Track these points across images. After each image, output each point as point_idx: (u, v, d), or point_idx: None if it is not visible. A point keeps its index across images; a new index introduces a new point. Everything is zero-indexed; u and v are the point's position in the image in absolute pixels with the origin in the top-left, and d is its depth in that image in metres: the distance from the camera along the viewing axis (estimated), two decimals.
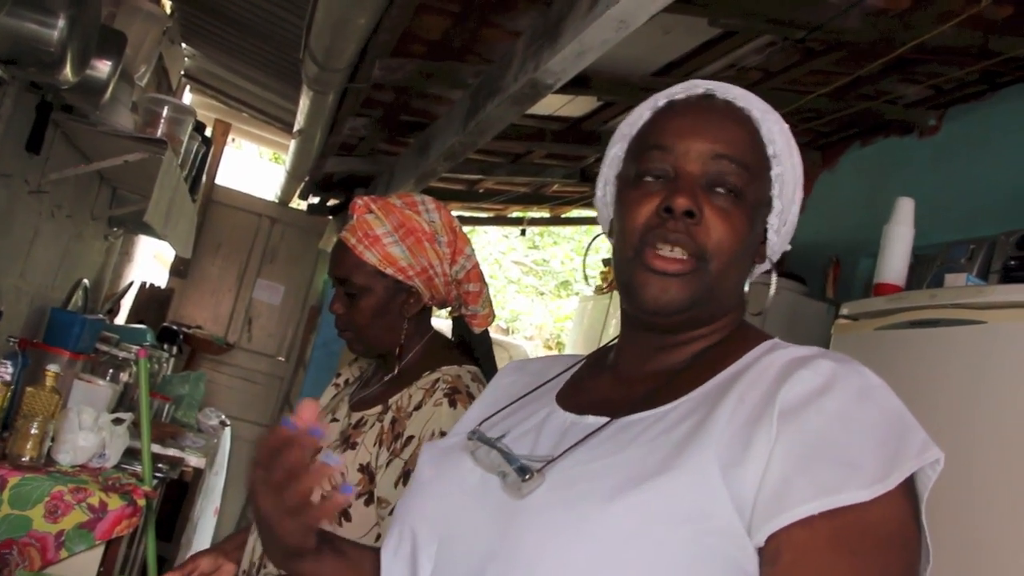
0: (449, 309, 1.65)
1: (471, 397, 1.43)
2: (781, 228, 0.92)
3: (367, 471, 1.43)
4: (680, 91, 0.92)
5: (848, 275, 3.41)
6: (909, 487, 0.72)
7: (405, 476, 1.37)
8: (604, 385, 0.95)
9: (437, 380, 1.46)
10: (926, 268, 2.57)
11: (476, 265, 1.62)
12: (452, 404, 1.41)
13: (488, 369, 1.61)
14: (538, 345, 12.48)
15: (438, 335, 1.64)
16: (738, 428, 0.75)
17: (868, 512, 0.69)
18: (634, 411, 0.84)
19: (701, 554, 0.71)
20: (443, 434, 1.37)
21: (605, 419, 0.85)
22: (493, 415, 0.99)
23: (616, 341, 0.99)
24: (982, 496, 1.68)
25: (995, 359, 1.79)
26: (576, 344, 5.12)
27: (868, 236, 2.67)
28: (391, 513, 1.33)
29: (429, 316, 1.64)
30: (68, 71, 2.18)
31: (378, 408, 1.51)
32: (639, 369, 0.92)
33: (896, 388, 0.78)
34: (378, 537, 1.40)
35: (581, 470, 0.79)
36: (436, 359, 1.54)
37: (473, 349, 1.65)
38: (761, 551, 0.71)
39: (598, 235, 1.05)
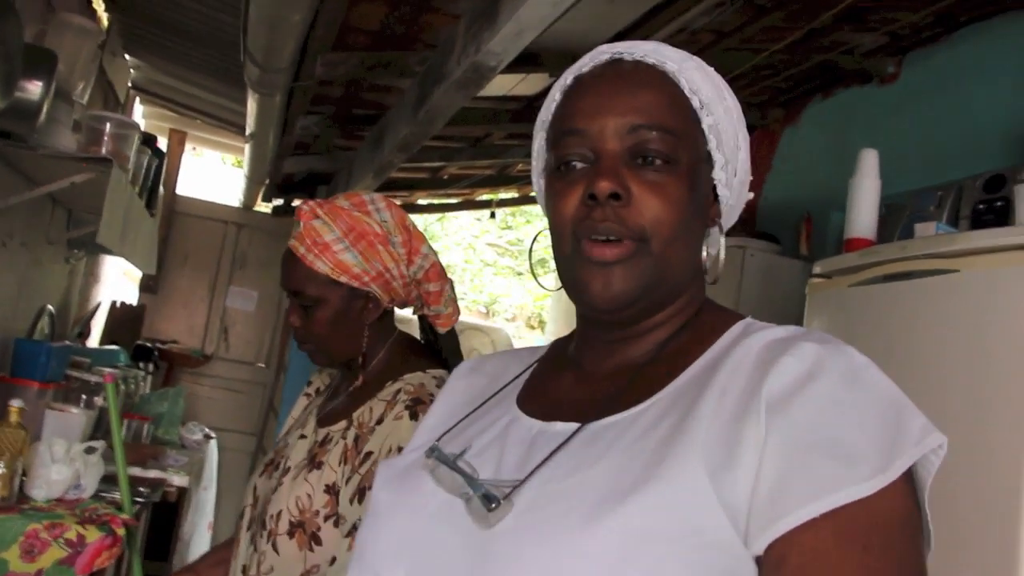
0: (412, 308, 1.59)
1: None
2: (731, 180, 0.85)
3: (333, 491, 1.37)
4: (587, 62, 0.85)
5: (821, 230, 3.38)
6: (910, 473, 0.67)
7: (360, 493, 1.32)
8: (567, 384, 0.88)
9: (399, 391, 1.41)
10: (897, 217, 2.54)
11: (435, 263, 1.55)
12: (413, 416, 1.35)
13: None
14: (520, 326, 12.47)
15: (403, 337, 1.59)
16: (723, 426, 0.69)
17: (872, 505, 0.63)
18: (604, 414, 0.78)
19: (694, 570, 0.65)
20: (401, 449, 1.30)
21: (574, 426, 0.78)
22: (452, 427, 0.92)
23: (575, 331, 0.93)
24: (964, 447, 1.65)
25: (969, 308, 1.75)
26: (557, 322, 5.09)
27: (837, 189, 2.63)
28: (348, 533, 1.31)
29: (391, 318, 1.58)
30: None
31: (343, 424, 1.45)
32: (602, 365, 0.86)
33: (875, 344, 0.73)
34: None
35: (554, 488, 0.72)
36: (401, 365, 1.49)
37: (440, 350, 1.59)
38: (760, 557, 0.65)
39: (540, 232, 0.98)
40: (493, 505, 0.72)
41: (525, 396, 0.91)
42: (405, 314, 1.65)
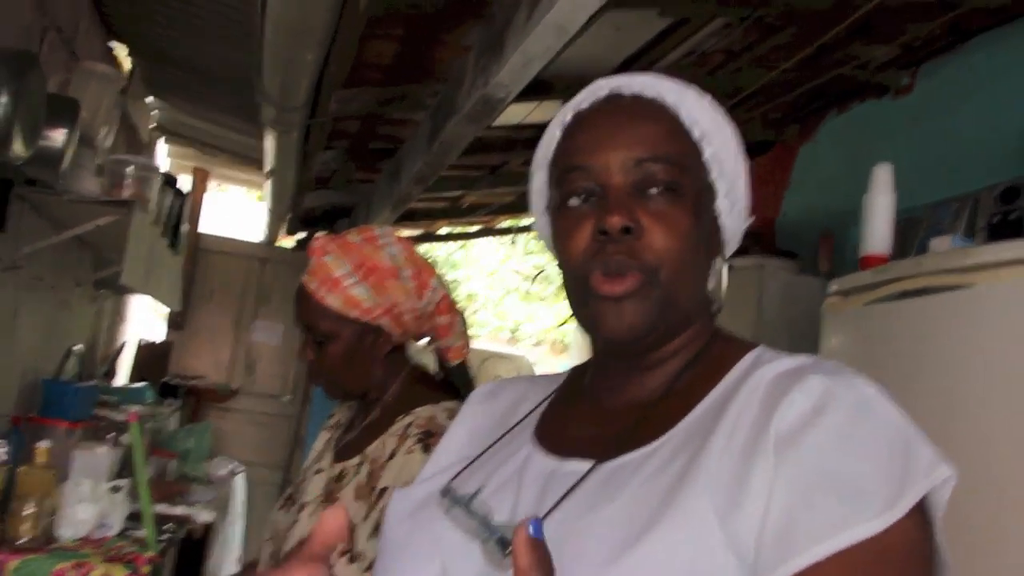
0: (427, 340, 1.59)
1: None
2: (732, 210, 0.85)
3: (349, 529, 1.36)
4: (584, 98, 0.86)
5: (841, 246, 3.35)
6: (920, 505, 0.66)
7: (377, 528, 1.32)
8: (582, 418, 0.88)
9: (409, 424, 1.41)
10: (914, 231, 2.52)
11: (445, 295, 1.56)
12: (425, 449, 1.35)
13: None
14: (545, 351, 12.44)
15: (415, 370, 1.59)
16: (733, 464, 0.68)
17: (880, 540, 0.62)
18: (617, 452, 0.77)
19: None
20: None
21: (587, 465, 0.78)
22: (468, 465, 0.91)
23: (591, 360, 0.93)
24: (983, 465, 1.63)
25: (985, 323, 1.73)
26: (582, 346, 5.08)
27: (856, 204, 2.62)
28: (367, 569, 1.31)
29: (404, 352, 1.59)
30: (19, 146, 2.14)
31: (356, 460, 1.46)
32: (615, 399, 0.86)
33: (891, 363, 0.72)
34: None
35: (568, 529, 0.71)
36: (413, 398, 1.49)
37: (454, 382, 1.59)
38: None
39: (540, 273, 0.97)
40: (508, 551, 0.71)
41: (542, 429, 0.90)
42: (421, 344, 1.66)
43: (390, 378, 1.54)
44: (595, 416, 0.86)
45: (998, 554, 1.58)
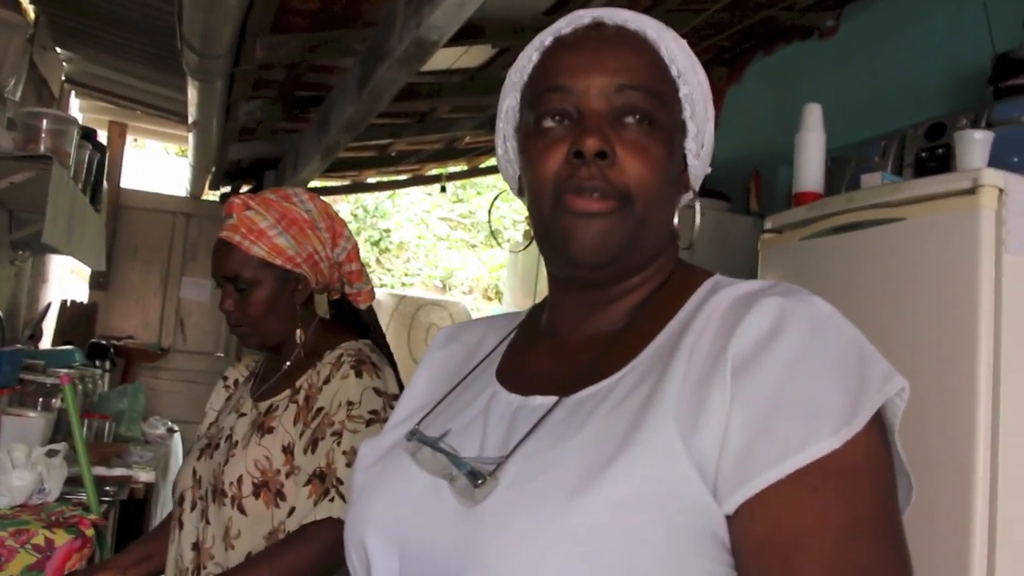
0: (328, 294, 1.74)
1: (375, 367, 1.55)
2: (700, 151, 0.86)
3: (289, 451, 1.50)
4: (566, 25, 0.84)
5: (769, 185, 3.42)
6: (877, 418, 0.67)
7: (314, 444, 1.48)
8: (544, 355, 0.88)
9: (341, 355, 1.56)
10: (843, 170, 2.57)
11: (355, 246, 1.71)
12: (359, 374, 1.51)
13: (381, 342, 1.71)
14: (477, 298, 12.46)
15: (324, 320, 1.74)
16: (691, 389, 0.69)
17: (839, 454, 0.64)
18: (582, 385, 0.78)
19: (676, 534, 0.66)
20: (351, 403, 1.48)
21: (553, 399, 0.78)
22: (433, 408, 0.91)
23: (548, 299, 0.92)
24: (916, 390, 1.70)
25: (917, 254, 1.79)
26: (514, 292, 5.10)
27: (784, 144, 2.66)
28: (307, 482, 1.45)
29: (314, 303, 1.72)
30: None
31: (287, 392, 1.58)
32: (577, 333, 0.86)
33: (828, 296, 0.73)
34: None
35: (538, 462, 0.72)
36: (331, 340, 1.63)
37: (365, 325, 1.74)
38: (731, 516, 0.66)
39: (500, 193, 0.98)
40: (479, 481, 0.72)
41: (504, 368, 0.90)
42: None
43: (304, 325, 1.66)
44: (558, 351, 0.87)
45: (937, 474, 1.66)
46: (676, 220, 0.86)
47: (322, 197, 1.68)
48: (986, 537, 1.60)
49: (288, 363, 1.64)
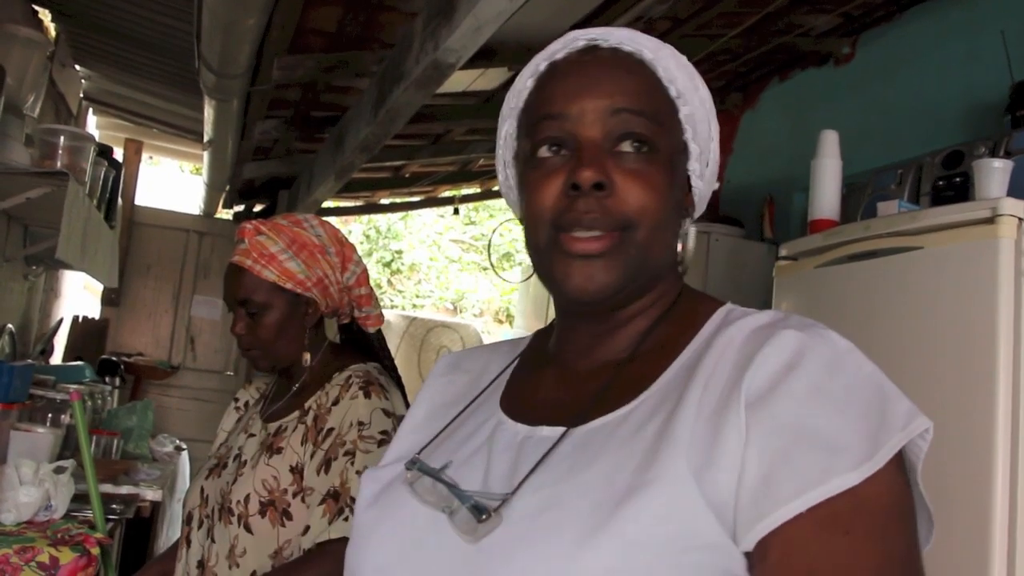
0: (337, 317, 1.75)
1: (383, 388, 1.56)
2: (704, 172, 0.84)
3: (297, 470, 1.51)
4: (559, 48, 0.82)
5: (784, 212, 3.40)
6: (899, 458, 0.65)
7: (326, 464, 1.49)
8: (549, 382, 0.85)
9: (349, 376, 1.57)
10: (858, 197, 2.56)
11: (365, 270, 1.73)
12: (367, 395, 1.53)
13: (389, 365, 1.73)
14: (488, 321, 12.43)
15: (333, 344, 1.75)
16: (705, 424, 0.67)
17: (858, 492, 0.62)
18: (590, 416, 0.75)
19: (688, 572, 0.63)
20: (361, 424, 1.49)
21: (560, 430, 0.75)
22: (435, 437, 0.88)
23: (554, 323, 0.90)
24: (940, 424, 1.67)
25: (934, 283, 1.78)
26: (526, 315, 5.08)
27: (798, 171, 2.65)
28: (321, 502, 1.46)
29: (323, 327, 1.74)
30: None
31: (296, 414, 1.60)
32: (583, 361, 0.83)
33: (843, 324, 0.72)
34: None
35: (546, 497, 0.70)
36: (339, 363, 1.65)
37: (373, 348, 1.76)
38: (749, 553, 0.64)
39: (503, 222, 0.96)
40: (484, 516, 0.70)
41: (508, 397, 0.88)
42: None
43: (314, 348, 1.69)
44: (564, 380, 0.84)
45: (957, 511, 1.63)
46: (680, 245, 0.84)
47: (335, 217, 1.69)
48: (1005, 571, 1.57)
49: (297, 386, 1.67)
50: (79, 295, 5.65)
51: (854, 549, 0.61)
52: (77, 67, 4.29)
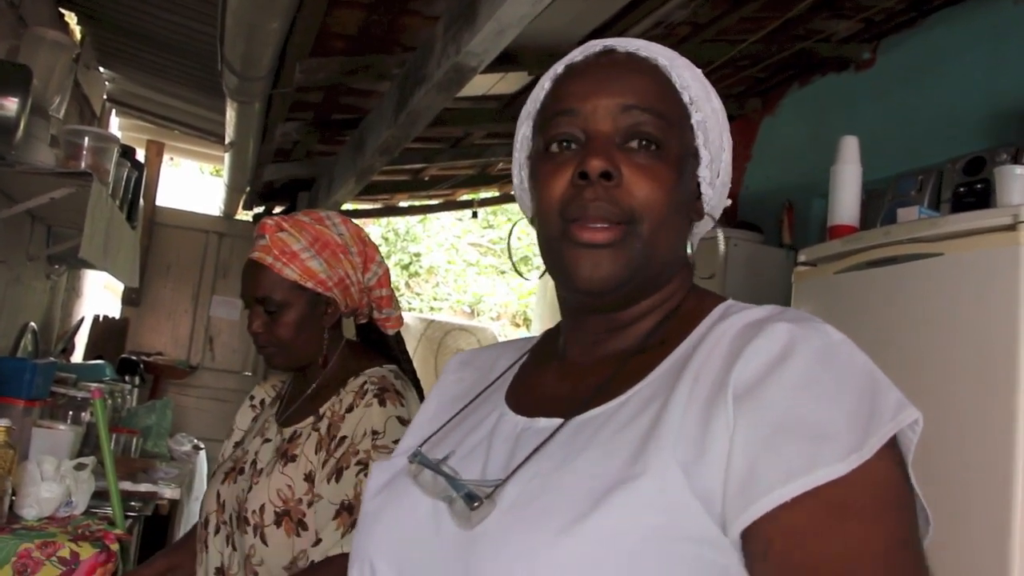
0: (355, 318, 1.72)
1: (399, 394, 1.53)
2: (715, 180, 0.85)
3: (311, 479, 1.49)
4: (578, 53, 0.85)
5: (803, 217, 3.40)
6: (891, 449, 0.65)
7: (338, 473, 1.45)
8: (552, 377, 0.87)
9: (364, 383, 1.54)
10: (878, 203, 2.55)
11: (386, 271, 1.69)
12: (382, 403, 1.49)
13: (408, 368, 1.70)
14: (505, 324, 12.43)
15: (351, 342, 1.72)
16: (694, 415, 0.68)
17: (850, 481, 0.62)
18: (587, 407, 0.77)
19: (675, 564, 0.64)
20: (375, 433, 1.46)
21: (557, 421, 0.77)
22: (439, 429, 0.91)
23: (563, 321, 0.91)
24: (952, 427, 1.67)
25: (954, 290, 1.77)
26: (543, 318, 5.09)
27: (818, 176, 2.65)
28: (336, 515, 1.43)
29: (341, 327, 1.70)
30: None
31: (310, 419, 1.57)
32: (589, 357, 0.85)
33: (862, 330, 0.72)
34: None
35: (537, 485, 0.71)
36: (356, 364, 1.62)
37: (391, 349, 1.73)
38: (744, 544, 0.64)
39: (516, 222, 0.98)
40: (476, 504, 0.72)
41: (513, 391, 0.90)
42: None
43: (332, 349, 1.65)
44: (568, 374, 0.86)
45: (971, 516, 1.62)
46: (691, 250, 0.85)
47: (354, 220, 1.68)
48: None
49: (312, 388, 1.64)
50: (100, 295, 5.71)
51: (852, 537, 0.61)
52: (101, 69, 4.33)
